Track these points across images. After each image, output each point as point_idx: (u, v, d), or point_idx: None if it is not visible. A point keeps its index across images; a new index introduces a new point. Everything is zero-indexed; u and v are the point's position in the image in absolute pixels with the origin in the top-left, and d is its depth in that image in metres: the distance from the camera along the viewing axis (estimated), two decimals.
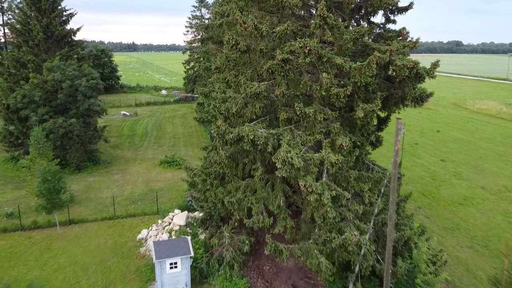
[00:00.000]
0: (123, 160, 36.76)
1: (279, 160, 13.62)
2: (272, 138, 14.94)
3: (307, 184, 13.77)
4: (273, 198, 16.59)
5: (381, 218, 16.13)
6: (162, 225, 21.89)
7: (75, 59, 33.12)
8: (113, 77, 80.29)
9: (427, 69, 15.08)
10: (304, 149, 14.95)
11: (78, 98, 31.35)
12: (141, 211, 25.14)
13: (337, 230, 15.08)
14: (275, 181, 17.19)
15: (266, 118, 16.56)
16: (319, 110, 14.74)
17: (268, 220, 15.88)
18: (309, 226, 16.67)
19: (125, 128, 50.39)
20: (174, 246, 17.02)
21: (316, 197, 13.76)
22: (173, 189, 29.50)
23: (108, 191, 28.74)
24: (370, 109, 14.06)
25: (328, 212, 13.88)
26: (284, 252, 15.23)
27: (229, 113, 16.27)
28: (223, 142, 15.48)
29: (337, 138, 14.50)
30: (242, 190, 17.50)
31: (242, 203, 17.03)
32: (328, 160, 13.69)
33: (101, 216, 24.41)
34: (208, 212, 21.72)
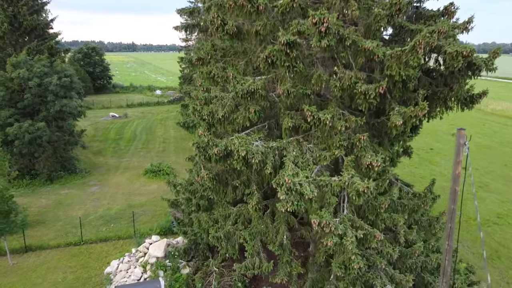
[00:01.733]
0: (104, 169, 32.56)
1: (283, 188, 9.44)
2: (272, 154, 10.75)
3: (324, 222, 9.59)
4: (273, 232, 12.39)
5: (420, 261, 11.92)
6: (136, 255, 17.68)
7: (46, 54, 28.87)
8: (104, 77, 76.07)
9: (485, 59, 10.90)
10: (316, 169, 10.77)
11: (48, 98, 27.11)
12: (115, 234, 20.92)
13: (363, 283, 10.89)
14: (276, 209, 12.98)
15: (264, 126, 12.36)
16: (337, 116, 10.54)
17: (267, 265, 11.68)
18: (322, 272, 12.46)
19: (112, 131, 46.19)
20: None
21: (335, 241, 9.58)
22: (157, 204, 25.27)
23: (80, 208, 24.53)
24: (411, 114, 9.88)
25: (353, 261, 9.70)
26: None
27: (213, 119, 12.07)
28: (206, 159, 11.30)
29: (363, 155, 10.32)
30: (232, 220, 13.29)
31: (232, 238, 12.83)
32: (354, 188, 9.50)
33: (65, 241, 20.19)
34: (193, 240, 17.52)
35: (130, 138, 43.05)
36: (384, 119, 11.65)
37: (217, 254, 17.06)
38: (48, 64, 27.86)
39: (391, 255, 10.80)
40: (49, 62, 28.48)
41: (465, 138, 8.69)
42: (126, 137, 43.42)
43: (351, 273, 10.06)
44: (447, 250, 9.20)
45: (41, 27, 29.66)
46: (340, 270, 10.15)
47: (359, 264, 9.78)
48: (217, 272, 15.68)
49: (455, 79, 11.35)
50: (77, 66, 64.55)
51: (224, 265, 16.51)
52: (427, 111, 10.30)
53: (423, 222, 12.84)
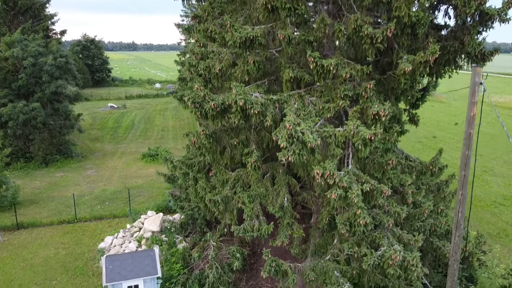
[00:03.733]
0: (100, 154, 31.91)
1: (283, 135, 8.79)
2: (272, 107, 10.10)
3: (327, 173, 8.94)
4: (273, 195, 11.73)
5: (428, 224, 11.25)
6: (131, 231, 17.04)
7: (41, 34, 28.21)
8: (103, 70, 75.39)
9: (498, 9, 10.26)
10: (320, 123, 10.12)
11: (43, 79, 26.47)
12: (110, 213, 20.28)
13: (369, 243, 10.23)
14: (276, 172, 12.34)
15: (264, 82, 11.71)
16: (342, 64, 9.88)
17: (267, 227, 11.01)
18: (325, 236, 11.80)
19: (110, 120, 45.53)
20: (136, 262, 12.17)
21: (340, 193, 8.93)
22: (154, 186, 24.66)
23: (75, 189, 23.87)
24: (421, 59, 9.24)
25: (359, 215, 9.06)
26: (290, 274, 10.37)
27: (210, 74, 11.42)
28: (202, 115, 10.65)
29: (369, 105, 9.67)
30: (230, 185, 12.61)
31: (230, 202, 12.17)
32: (360, 137, 8.85)
33: (58, 219, 19.55)
34: (190, 215, 16.86)
35: (128, 127, 42.40)
36: (390, 74, 11.02)
37: (215, 229, 16.43)
38: (43, 44, 27.22)
39: (398, 215, 10.13)
40: (45, 42, 27.84)
41: (481, 77, 8.04)
42: (124, 126, 42.77)
43: (356, 230, 9.39)
44: (460, 201, 8.54)
45: (37, 8, 29.01)
46: (344, 227, 9.50)
47: (365, 219, 9.12)
48: (214, 245, 15.01)
49: (466, 30, 10.68)
50: (76, 58, 63.84)
51: (223, 240, 15.85)
52: (434, 69, 9.71)
53: (431, 186, 12.19)
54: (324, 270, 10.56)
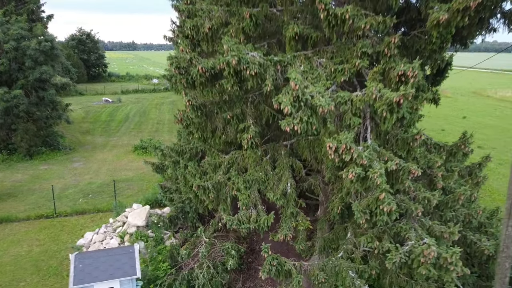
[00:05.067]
0: (90, 147, 30.01)
1: (288, 98, 6.92)
2: (272, 69, 8.20)
3: (342, 147, 7.06)
4: (274, 180, 9.84)
5: (461, 214, 9.35)
6: (114, 225, 15.15)
7: (26, 17, 26.32)
8: (99, 65, 73.44)
9: None
10: (332, 89, 8.22)
11: (26, 64, 24.58)
12: (94, 207, 18.38)
13: (392, 236, 8.33)
14: (277, 154, 10.45)
15: (263, 45, 9.81)
16: (359, 15, 7.99)
17: (266, 217, 9.11)
18: (336, 230, 9.91)
19: (103, 114, 43.60)
20: (111, 261, 10.27)
21: (358, 173, 7.06)
22: (144, 179, 22.79)
23: (58, 182, 21.98)
24: (459, 6, 7.34)
25: (382, 201, 7.19)
26: (295, 274, 8.47)
27: (198, 35, 9.53)
28: (188, 83, 8.79)
29: (393, 66, 7.78)
30: (224, 170, 10.73)
31: (222, 190, 10.28)
32: (385, 101, 6.98)
33: (36, 214, 17.67)
34: (180, 208, 14.97)
35: (121, 120, 40.50)
36: (414, 34, 9.16)
37: (209, 224, 14.59)
38: (26, 27, 25.33)
39: (428, 201, 8.24)
40: (29, 26, 25.95)
41: None
42: (118, 119, 40.87)
43: (378, 221, 7.52)
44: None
45: None
46: (363, 217, 7.60)
47: (390, 205, 7.25)
48: (207, 242, 13.12)
49: None
50: (70, 51, 61.98)
51: (217, 236, 13.98)
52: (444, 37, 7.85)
53: (462, 170, 10.29)
54: (336, 269, 8.67)
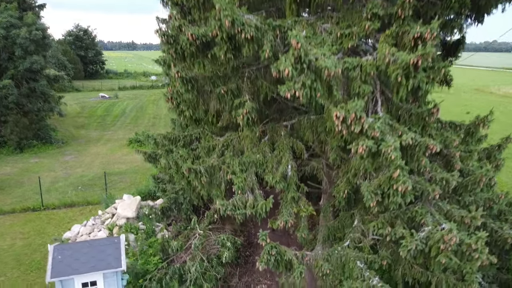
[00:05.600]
0: (84, 141, 29.09)
1: (289, 59, 6.00)
2: (271, 34, 7.27)
3: (351, 116, 6.15)
4: (273, 163, 8.90)
5: (481, 198, 8.42)
6: (102, 217, 14.22)
7: (16, 5, 25.39)
8: (97, 61, 72.47)
9: None
10: (337, 56, 7.29)
11: (16, 53, 23.67)
12: (83, 199, 17.46)
13: (406, 221, 7.41)
14: (277, 136, 9.52)
15: (261, 12, 8.89)
16: None
17: (265, 202, 8.18)
18: (341, 217, 8.98)
19: (99, 109, 42.70)
20: (94, 252, 9.34)
21: (370, 146, 6.14)
22: (138, 172, 21.86)
23: (48, 175, 21.06)
24: None
25: (396, 179, 6.28)
26: (296, 264, 7.55)
27: (189, 1, 8.61)
28: (177, 54, 7.89)
29: (407, 29, 6.85)
30: (218, 153, 9.80)
31: (216, 174, 9.33)
32: (399, 65, 6.07)
33: (22, 207, 16.75)
34: (174, 198, 14.06)
35: (118, 115, 39.60)
36: None
37: (203, 216, 13.71)
38: (17, 15, 24.40)
39: (447, 183, 7.31)
40: (20, 14, 25.03)
41: None
42: (114, 114, 39.98)
43: (391, 203, 6.61)
44: None
45: None
46: (374, 198, 6.67)
47: (406, 184, 6.33)
48: (201, 234, 12.21)
49: None
50: (67, 47, 61.06)
51: (212, 228, 13.08)
52: None
53: (480, 153, 9.36)
54: (342, 260, 7.75)
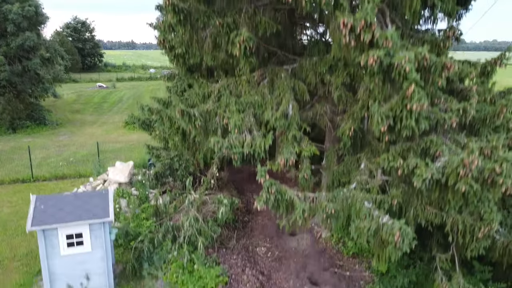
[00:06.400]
0: (79, 123, 28.43)
1: None
2: None
3: (361, 24, 5.51)
4: (273, 104, 8.24)
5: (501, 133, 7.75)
6: (93, 184, 13.55)
7: None
8: (95, 54, 71.72)
9: None
10: None
11: (8, 30, 22.99)
12: (75, 172, 16.78)
13: (419, 154, 6.74)
14: (276, 78, 8.85)
15: None
16: None
17: (264, 139, 7.51)
18: (347, 161, 8.32)
19: (96, 97, 41.97)
20: (79, 203, 8.67)
21: (381, 56, 5.49)
22: (134, 150, 21.19)
23: (40, 152, 20.37)
24: None
25: (410, 97, 5.63)
26: (298, 203, 6.88)
27: None
28: None
29: None
30: (214, 99, 9.14)
31: (212, 119, 8.66)
32: None
33: (11, 178, 16.09)
34: (168, 164, 13.41)
35: (114, 102, 38.94)
36: None
37: (200, 184, 13.07)
38: None
39: (464, 112, 6.65)
40: None
41: None
42: (111, 101, 39.31)
43: (403, 128, 5.95)
44: None
45: None
46: (385, 122, 6.01)
47: (421, 102, 5.68)
48: (197, 198, 11.53)
49: None
50: (64, 37, 60.36)
51: (209, 194, 12.42)
52: None
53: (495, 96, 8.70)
54: (348, 202, 7.07)
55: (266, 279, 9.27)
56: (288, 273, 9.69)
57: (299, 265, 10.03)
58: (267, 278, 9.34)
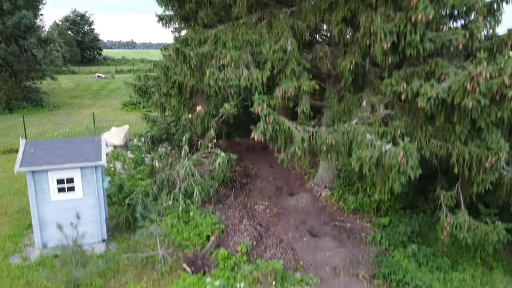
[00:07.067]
0: (77, 106, 28.12)
1: None
2: None
3: None
4: (271, 42, 7.93)
5: None
6: None
7: None
8: (94, 47, 71.40)
9: None
10: None
11: (4, 7, 22.69)
12: None
13: (424, 77, 6.45)
14: (275, 20, 8.54)
15: None
16: None
17: (258, 72, 7.21)
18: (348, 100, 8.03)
19: (94, 86, 41.66)
20: (70, 148, 8.38)
21: None
22: (133, 127, 20.80)
23: (36, 128, 20.10)
24: None
25: (417, 5, 5.34)
26: (297, 133, 6.58)
27: None
28: None
29: None
30: (210, 43, 8.83)
31: (208, 62, 8.36)
32: None
33: (6, 149, 15.87)
34: (165, 129, 13.14)
35: (113, 90, 38.66)
36: None
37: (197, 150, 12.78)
38: None
39: (471, 35, 6.35)
40: None
41: None
42: (109, 89, 39.04)
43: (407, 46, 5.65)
44: None
45: None
46: (388, 38, 5.72)
47: (428, 11, 5.39)
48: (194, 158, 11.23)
49: None
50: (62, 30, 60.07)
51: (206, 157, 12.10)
52: None
53: None
54: (349, 135, 6.79)
55: (264, 230, 8.97)
56: (287, 227, 9.39)
57: (299, 220, 9.73)
58: (265, 229, 9.03)
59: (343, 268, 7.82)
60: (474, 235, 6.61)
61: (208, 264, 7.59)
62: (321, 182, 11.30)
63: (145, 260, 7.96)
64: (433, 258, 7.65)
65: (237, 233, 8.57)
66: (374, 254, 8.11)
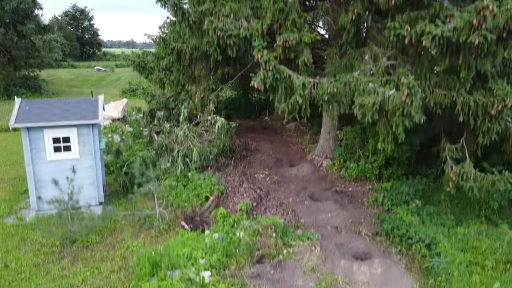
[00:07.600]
0: (76, 94, 27.95)
1: None
2: None
3: None
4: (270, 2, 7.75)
5: None
6: None
7: None
8: (94, 43, 71.26)
9: None
10: None
11: None
12: None
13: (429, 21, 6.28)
14: None
15: None
16: None
17: (258, 22, 7.05)
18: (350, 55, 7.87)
19: (94, 77, 41.56)
20: (67, 107, 8.23)
21: None
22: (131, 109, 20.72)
23: None
24: None
25: None
26: (297, 82, 6.42)
27: None
28: None
29: None
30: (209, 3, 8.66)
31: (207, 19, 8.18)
32: None
33: (3, 127, 15.69)
34: (164, 102, 12.97)
35: (112, 81, 38.51)
36: None
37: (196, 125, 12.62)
38: None
39: None
40: None
41: None
42: (108, 80, 38.88)
43: None
44: None
45: None
46: None
47: None
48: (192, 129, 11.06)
49: None
50: (62, 23, 59.90)
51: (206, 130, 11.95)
52: None
53: None
54: (351, 86, 6.63)
55: (264, 193, 8.80)
56: (288, 192, 9.23)
57: (299, 187, 9.57)
58: (265, 193, 8.87)
59: (345, 227, 7.66)
60: (480, 186, 6.44)
61: (207, 221, 7.43)
62: (322, 153, 11.14)
63: (143, 220, 7.80)
64: (437, 216, 7.49)
65: (236, 194, 8.41)
66: (376, 214, 7.95)
